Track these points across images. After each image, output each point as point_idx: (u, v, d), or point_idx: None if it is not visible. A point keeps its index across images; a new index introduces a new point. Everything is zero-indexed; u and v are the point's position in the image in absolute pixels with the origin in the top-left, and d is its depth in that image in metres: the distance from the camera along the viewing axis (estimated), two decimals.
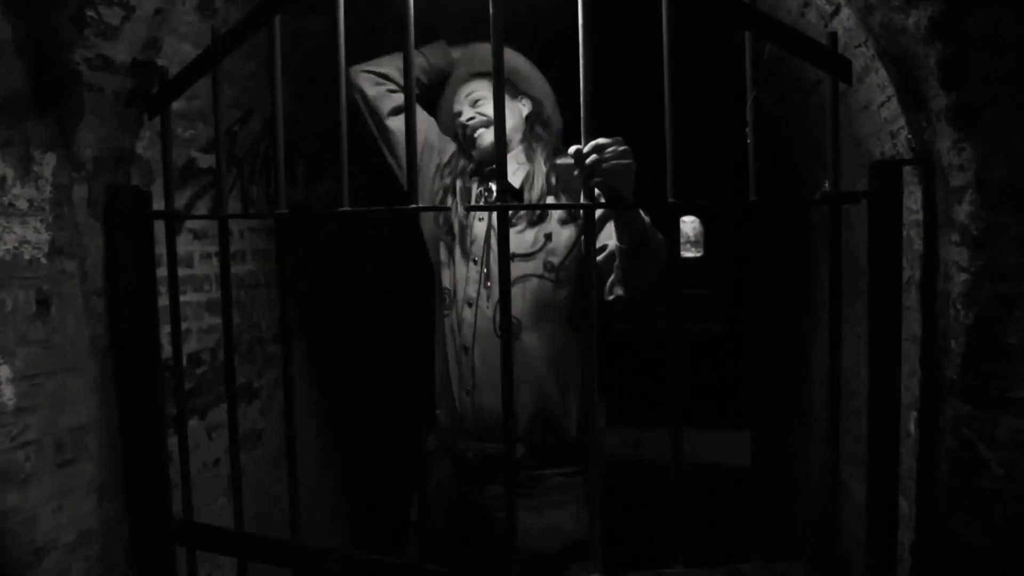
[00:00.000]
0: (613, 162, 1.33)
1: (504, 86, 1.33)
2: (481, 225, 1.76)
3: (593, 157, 1.33)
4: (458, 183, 1.79)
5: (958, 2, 1.14)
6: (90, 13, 1.41)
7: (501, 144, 1.31)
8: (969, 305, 1.24)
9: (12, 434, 1.41)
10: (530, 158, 1.75)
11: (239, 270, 2.12)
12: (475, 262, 1.73)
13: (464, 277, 1.74)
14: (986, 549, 1.27)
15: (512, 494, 1.34)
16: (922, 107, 1.29)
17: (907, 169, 1.40)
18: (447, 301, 1.74)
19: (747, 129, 1.36)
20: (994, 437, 1.26)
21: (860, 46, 1.44)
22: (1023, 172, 1.16)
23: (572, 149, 1.37)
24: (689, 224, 8.37)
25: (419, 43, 1.66)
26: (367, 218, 1.55)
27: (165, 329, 1.70)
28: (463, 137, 1.82)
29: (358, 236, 2.75)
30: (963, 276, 1.24)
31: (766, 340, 2.89)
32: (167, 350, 1.71)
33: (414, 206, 1.37)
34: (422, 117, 1.81)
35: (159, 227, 1.64)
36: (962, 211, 1.23)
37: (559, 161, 1.63)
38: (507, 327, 1.33)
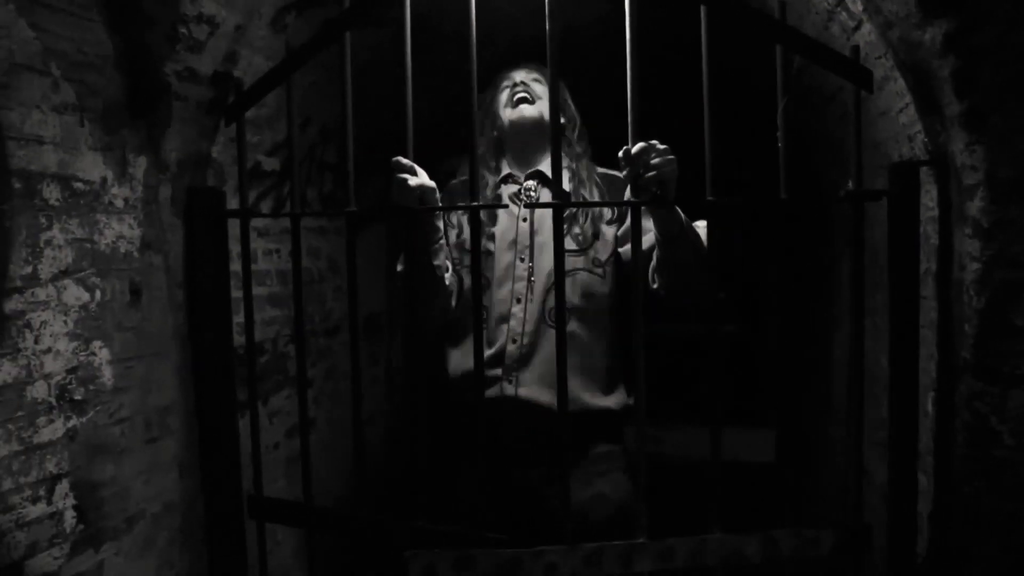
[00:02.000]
0: (661, 159, 1.47)
1: (559, 90, 1.48)
2: (524, 225, 1.88)
3: (644, 158, 1.46)
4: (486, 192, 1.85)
5: (968, 20, 1.27)
6: (182, 30, 1.56)
7: (556, 150, 1.46)
8: (981, 291, 1.37)
9: (110, 411, 1.55)
10: (572, 159, 1.88)
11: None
12: (521, 260, 1.86)
13: (508, 274, 1.85)
14: (998, 512, 1.39)
15: (566, 469, 1.48)
16: (937, 113, 1.43)
17: (923, 169, 1.54)
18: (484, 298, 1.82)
19: (778, 133, 1.49)
20: (1005, 410, 1.39)
21: (880, 57, 1.58)
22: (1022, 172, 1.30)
23: (622, 151, 1.50)
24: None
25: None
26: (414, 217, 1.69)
27: (236, 320, 1.84)
28: (511, 102, 1.84)
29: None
30: (975, 265, 1.37)
31: (786, 335, 3.01)
32: (238, 340, 1.86)
33: (476, 204, 1.51)
34: None
35: (232, 225, 1.79)
36: (974, 206, 1.37)
37: (601, 170, 1.77)
38: (561, 318, 1.48)
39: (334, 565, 2.40)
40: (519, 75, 1.85)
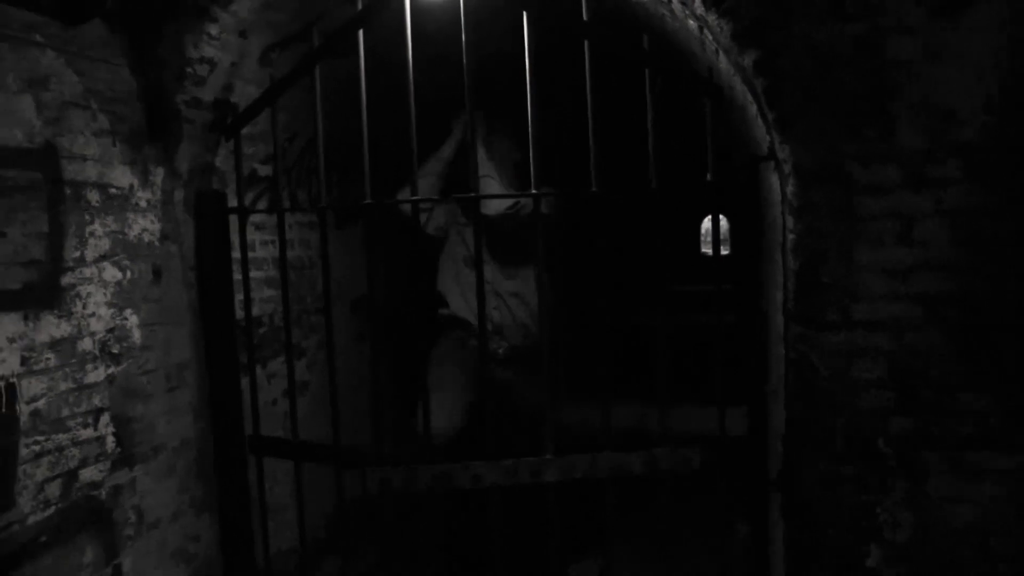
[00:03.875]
0: None
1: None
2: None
3: None
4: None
5: (770, 50, 1.69)
6: (188, 69, 2.02)
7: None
8: (796, 256, 1.79)
9: (139, 364, 2.02)
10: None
11: (289, 254, 2.71)
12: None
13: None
14: (816, 425, 1.80)
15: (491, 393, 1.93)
16: (766, 120, 1.85)
17: (769, 164, 1.95)
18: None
19: (649, 140, 1.92)
20: (819, 348, 1.80)
21: (735, 75, 2.00)
22: (820, 164, 1.71)
23: None
24: (723, 223, 8.85)
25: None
26: (382, 209, 2.15)
27: (237, 298, 2.30)
28: None
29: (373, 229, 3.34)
30: (792, 236, 1.79)
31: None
32: (239, 314, 2.32)
33: (415, 197, 1.96)
34: None
35: (232, 221, 2.25)
36: (789, 191, 1.78)
37: None
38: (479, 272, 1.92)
39: (324, 505, 2.85)
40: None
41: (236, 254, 2.27)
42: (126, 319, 1.97)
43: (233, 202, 2.29)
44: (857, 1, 1.63)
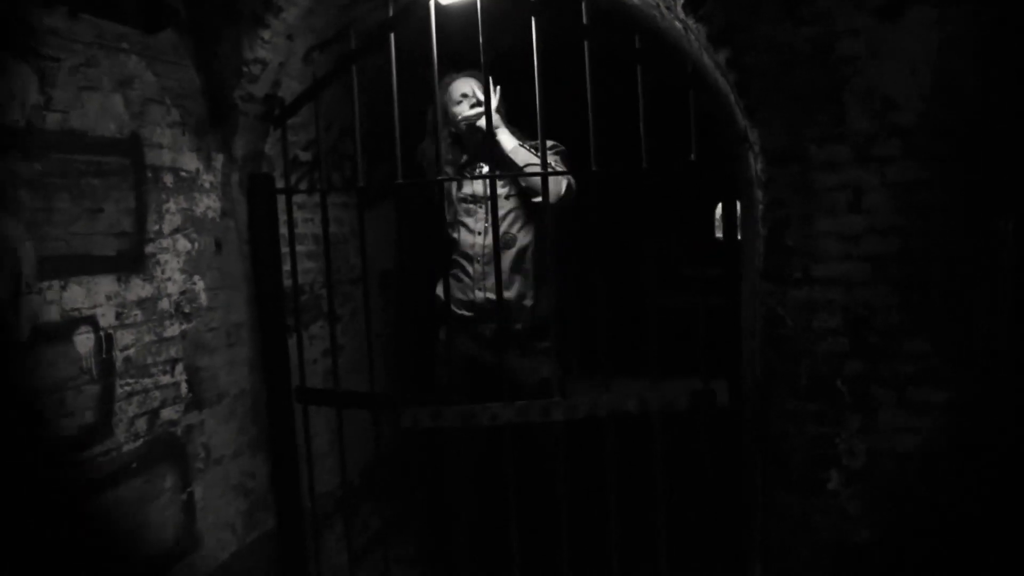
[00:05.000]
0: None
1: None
2: (480, 187, 2.67)
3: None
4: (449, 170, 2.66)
5: (738, 48, 2.00)
6: (244, 69, 2.35)
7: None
8: (764, 223, 2.10)
9: (206, 322, 2.36)
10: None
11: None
12: (480, 208, 2.65)
13: (474, 223, 2.65)
14: (780, 370, 2.12)
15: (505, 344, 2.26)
16: (739, 107, 2.15)
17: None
18: (463, 239, 2.68)
19: (640, 125, 2.23)
20: (785, 302, 2.11)
21: (716, 69, 2.30)
22: (783, 145, 2.02)
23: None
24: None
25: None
26: (411, 188, 2.47)
27: (284, 268, 2.64)
28: (467, 104, 2.66)
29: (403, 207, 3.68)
30: (760, 206, 2.10)
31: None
32: (286, 283, 2.66)
33: (441, 177, 2.29)
34: None
35: (279, 201, 2.58)
36: (758, 168, 2.09)
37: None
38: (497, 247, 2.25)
39: (359, 457, 3.20)
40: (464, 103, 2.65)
41: (283, 230, 2.61)
42: (195, 284, 2.31)
43: (280, 184, 2.63)
44: (811, 7, 1.94)
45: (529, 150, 2.59)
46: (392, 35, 2.31)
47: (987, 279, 1.95)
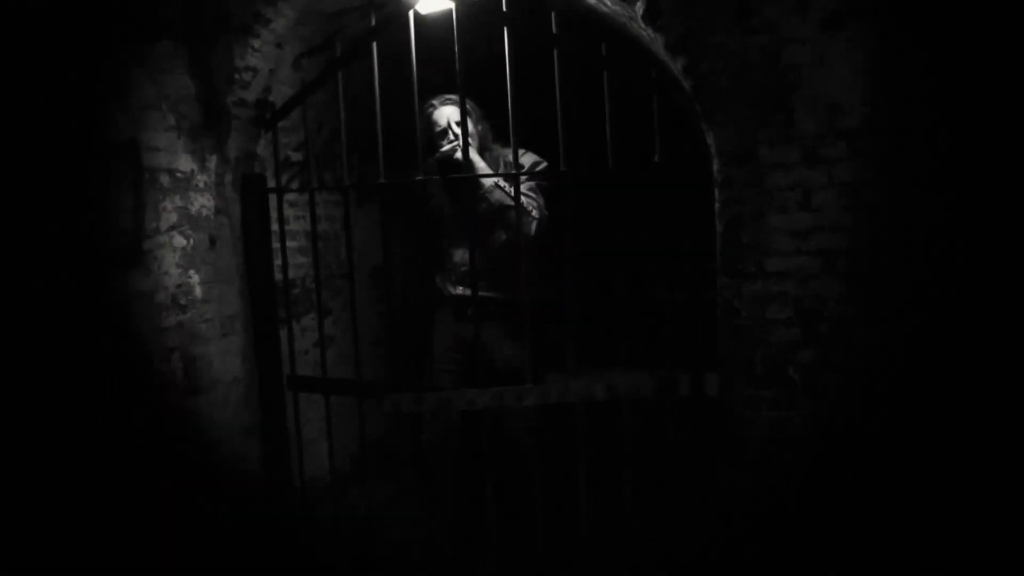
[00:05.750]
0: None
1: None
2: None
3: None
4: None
5: (694, 57, 2.13)
6: (236, 76, 2.50)
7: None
8: (721, 220, 2.23)
9: (200, 313, 2.52)
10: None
11: (318, 227, 3.20)
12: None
13: (456, 223, 2.80)
14: (736, 356, 2.26)
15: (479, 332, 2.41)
16: (695, 110, 2.29)
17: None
18: (450, 235, 2.83)
19: (606, 127, 2.36)
20: (741, 295, 2.25)
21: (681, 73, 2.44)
22: (737, 147, 2.15)
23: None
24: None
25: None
26: (392, 188, 2.62)
27: (276, 263, 2.79)
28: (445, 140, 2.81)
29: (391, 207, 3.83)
30: (718, 205, 2.24)
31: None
32: (278, 277, 2.81)
33: (421, 177, 2.43)
34: None
35: (271, 199, 2.73)
36: (715, 168, 2.23)
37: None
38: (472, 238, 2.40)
39: (348, 445, 3.35)
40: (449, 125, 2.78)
41: (275, 227, 2.76)
42: (190, 277, 2.47)
43: (272, 183, 2.78)
44: (761, 18, 2.07)
45: (504, 190, 2.71)
46: (375, 44, 2.45)
47: (923, 273, 2.08)
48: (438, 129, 2.78)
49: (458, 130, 2.71)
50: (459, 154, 2.61)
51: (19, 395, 1.90)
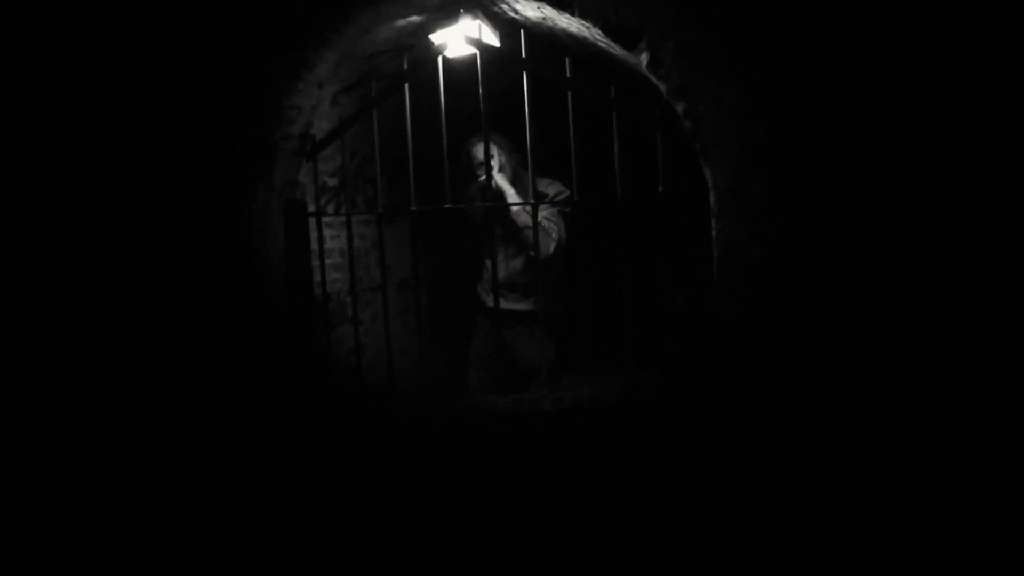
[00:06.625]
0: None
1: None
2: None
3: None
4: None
5: (691, 101, 2.40)
6: (283, 113, 2.79)
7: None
8: (719, 240, 2.50)
9: None
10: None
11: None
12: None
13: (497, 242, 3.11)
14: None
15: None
16: (694, 147, 2.55)
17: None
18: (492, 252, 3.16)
19: (615, 162, 2.64)
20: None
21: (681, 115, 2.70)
22: (731, 182, 2.42)
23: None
24: None
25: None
26: (422, 215, 2.91)
27: (315, 279, 3.08)
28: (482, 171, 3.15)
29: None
30: (715, 232, 2.50)
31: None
32: (316, 291, 3.10)
33: (457, 205, 2.72)
34: None
35: (311, 222, 3.02)
36: (712, 200, 2.49)
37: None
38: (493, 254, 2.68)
39: None
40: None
41: (314, 246, 3.05)
42: None
43: (311, 208, 3.07)
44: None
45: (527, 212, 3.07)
46: (407, 85, 2.74)
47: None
48: (476, 162, 3.22)
49: (497, 158, 3.15)
50: (495, 181, 3.02)
51: None
